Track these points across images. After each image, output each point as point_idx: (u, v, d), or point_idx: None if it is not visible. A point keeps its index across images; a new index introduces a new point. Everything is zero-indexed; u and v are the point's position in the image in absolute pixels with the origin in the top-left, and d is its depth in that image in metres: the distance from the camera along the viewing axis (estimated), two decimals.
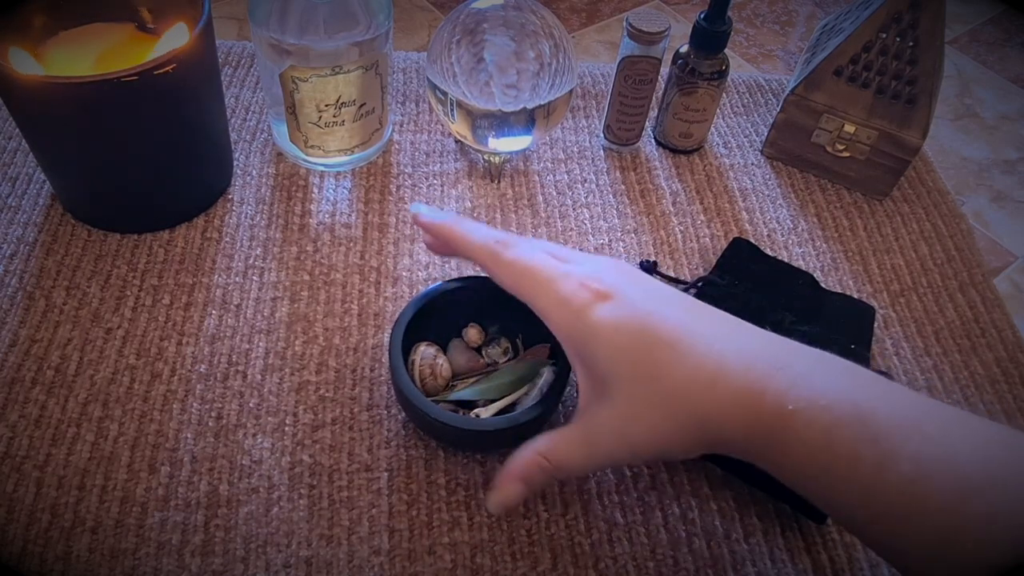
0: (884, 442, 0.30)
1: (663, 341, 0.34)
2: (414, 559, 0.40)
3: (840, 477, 0.31)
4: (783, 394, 0.32)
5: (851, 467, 0.30)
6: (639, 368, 0.34)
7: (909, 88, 0.58)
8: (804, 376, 0.32)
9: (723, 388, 0.33)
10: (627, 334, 0.34)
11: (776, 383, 0.32)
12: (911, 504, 0.29)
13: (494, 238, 0.39)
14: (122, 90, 0.45)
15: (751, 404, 0.32)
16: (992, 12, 2.18)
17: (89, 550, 0.40)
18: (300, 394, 0.46)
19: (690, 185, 0.61)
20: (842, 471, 0.30)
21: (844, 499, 0.31)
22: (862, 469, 0.30)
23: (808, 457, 0.31)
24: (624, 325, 0.34)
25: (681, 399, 0.33)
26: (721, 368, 0.33)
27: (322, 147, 0.56)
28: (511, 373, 0.44)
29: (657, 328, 0.34)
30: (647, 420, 0.34)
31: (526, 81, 0.53)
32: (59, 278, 0.50)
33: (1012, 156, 1.77)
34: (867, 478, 0.30)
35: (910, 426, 0.30)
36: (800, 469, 0.32)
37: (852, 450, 0.30)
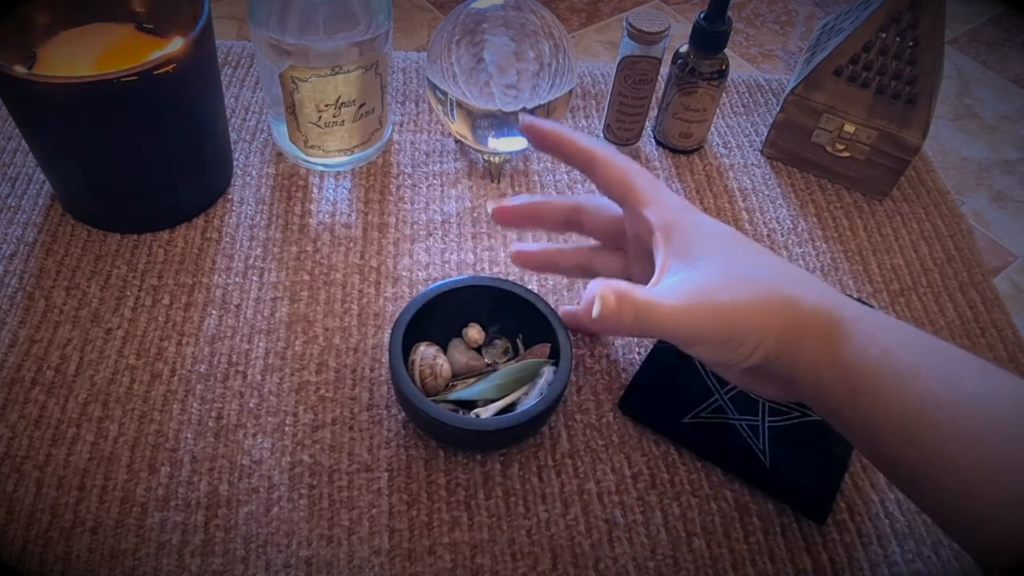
0: (951, 362, 0.32)
1: (755, 247, 0.38)
2: (414, 559, 0.40)
3: (905, 388, 0.31)
4: (856, 315, 0.34)
5: (917, 377, 0.31)
6: (734, 248, 0.37)
7: (909, 88, 0.58)
8: (869, 312, 0.35)
9: (805, 287, 0.35)
10: (727, 234, 0.38)
11: (850, 308, 0.35)
12: (976, 424, 0.30)
13: (601, 144, 0.42)
14: (122, 90, 0.45)
15: (828, 309, 0.34)
16: (992, 12, 2.17)
17: (89, 550, 0.40)
18: (300, 394, 0.46)
19: (690, 185, 0.61)
20: (907, 381, 0.31)
21: (906, 421, 0.31)
22: (931, 381, 0.31)
23: (876, 369, 0.32)
24: (725, 229, 0.38)
25: (768, 279, 0.35)
26: (805, 276, 0.37)
27: (322, 147, 0.56)
28: (511, 373, 0.44)
29: (748, 240, 0.38)
30: (732, 284, 0.35)
31: (526, 81, 0.53)
32: (59, 278, 0.50)
33: (1012, 156, 1.77)
34: (932, 392, 0.31)
35: (974, 358, 0.32)
36: (865, 382, 0.33)
37: (919, 362, 0.32)
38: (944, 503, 0.32)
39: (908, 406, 0.32)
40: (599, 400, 0.48)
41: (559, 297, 0.53)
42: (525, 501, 0.43)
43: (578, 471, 0.44)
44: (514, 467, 0.44)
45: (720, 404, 0.47)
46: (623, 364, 0.50)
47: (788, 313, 0.34)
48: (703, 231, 0.37)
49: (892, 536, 0.43)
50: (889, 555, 0.42)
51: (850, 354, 0.33)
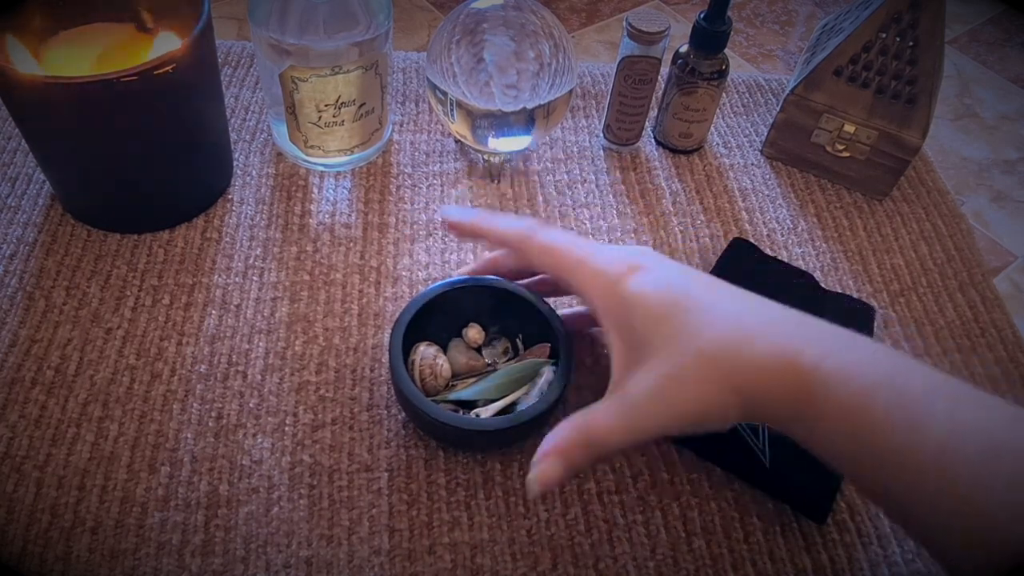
0: (917, 407, 0.31)
1: (701, 306, 0.35)
2: (414, 559, 0.40)
3: (873, 441, 0.31)
4: (819, 357, 0.32)
5: (885, 430, 0.31)
6: (678, 328, 0.35)
7: (909, 88, 0.58)
8: (838, 345, 0.33)
9: (761, 346, 0.33)
10: (663, 301, 0.35)
11: (812, 347, 0.33)
12: (942, 467, 0.29)
13: (526, 223, 0.41)
14: (122, 90, 0.45)
15: (788, 363, 0.33)
16: (992, 12, 2.18)
17: (89, 550, 0.40)
18: (300, 394, 0.46)
19: (690, 185, 0.61)
20: (876, 434, 0.31)
21: (877, 465, 0.31)
22: (896, 432, 0.30)
23: (842, 420, 0.32)
24: (660, 293, 0.36)
25: (719, 357, 0.34)
26: (758, 330, 0.34)
27: (322, 147, 0.56)
28: (511, 373, 0.44)
29: (694, 296, 0.36)
30: (686, 381, 0.34)
31: (526, 81, 0.53)
32: (59, 278, 0.50)
33: (1012, 156, 1.77)
34: (900, 442, 0.30)
35: (942, 395, 0.31)
36: (833, 434, 0.32)
37: (886, 413, 0.31)
38: (923, 541, 0.33)
39: (875, 459, 0.32)
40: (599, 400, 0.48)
41: (558, 297, 0.53)
42: (525, 501, 0.43)
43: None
44: (514, 467, 0.44)
45: None
46: None
47: (746, 388, 0.34)
48: (646, 310, 0.36)
49: (892, 536, 0.43)
50: (889, 555, 0.42)
51: (814, 411, 0.33)
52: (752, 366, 0.33)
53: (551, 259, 0.40)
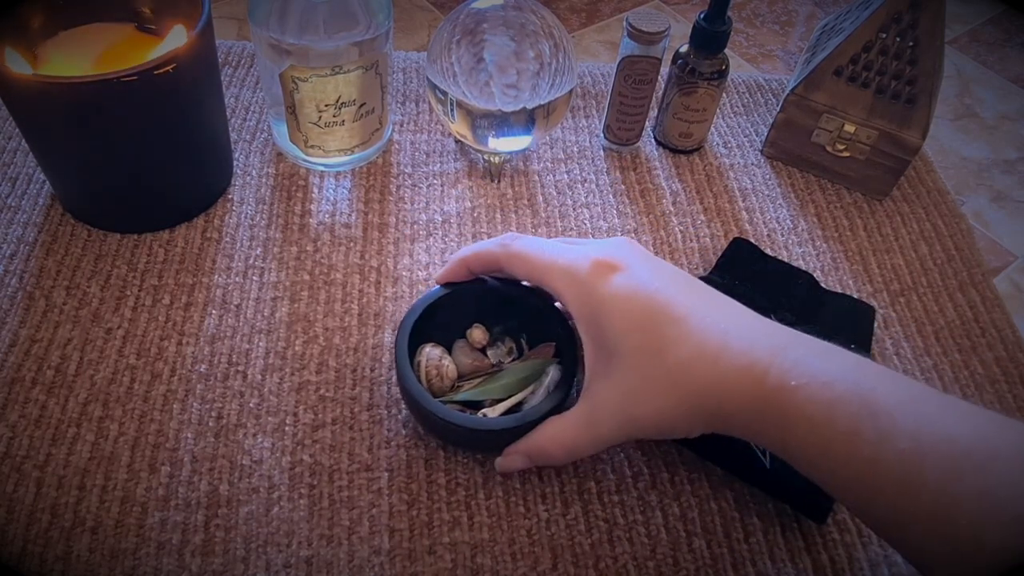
0: (884, 418, 0.30)
1: (670, 317, 0.35)
2: (414, 559, 0.40)
3: (841, 453, 0.31)
4: (786, 372, 0.32)
5: (851, 442, 0.31)
6: (645, 341, 0.35)
7: (909, 88, 0.58)
8: (806, 357, 0.33)
9: (726, 364, 0.33)
10: (636, 306, 0.36)
11: (779, 361, 0.33)
12: (908, 479, 0.29)
13: (499, 239, 0.42)
14: (122, 90, 0.45)
15: (754, 380, 0.33)
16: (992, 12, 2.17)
17: (89, 550, 0.40)
18: (300, 394, 0.46)
19: (690, 185, 0.61)
20: (842, 447, 0.31)
21: (845, 475, 0.32)
22: (862, 445, 0.30)
23: (810, 433, 0.32)
24: (633, 297, 0.36)
25: (684, 374, 0.34)
26: (725, 345, 0.34)
27: (322, 147, 0.56)
28: (517, 373, 0.44)
29: (664, 304, 0.35)
30: (650, 394, 0.35)
31: (526, 81, 0.53)
32: (59, 278, 0.50)
33: (1012, 156, 1.77)
34: (867, 454, 0.30)
35: (909, 406, 0.31)
36: (802, 446, 0.33)
37: (852, 426, 0.31)
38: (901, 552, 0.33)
39: (844, 471, 0.32)
40: None
41: None
42: (525, 501, 0.43)
43: (578, 471, 0.44)
44: None
45: None
46: None
47: (710, 405, 0.34)
48: (618, 316, 0.36)
49: None
50: (889, 555, 0.42)
51: (781, 425, 0.33)
52: (718, 384, 0.34)
53: (528, 267, 0.40)
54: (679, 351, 0.34)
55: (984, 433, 0.30)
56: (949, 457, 0.29)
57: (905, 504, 0.30)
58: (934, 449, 0.29)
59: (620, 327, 0.36)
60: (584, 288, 0.37)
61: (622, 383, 0.36)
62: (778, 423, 0.33)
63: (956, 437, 0.30)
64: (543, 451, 0.39)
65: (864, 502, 0.32)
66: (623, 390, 0.36)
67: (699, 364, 0.34)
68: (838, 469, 0.32)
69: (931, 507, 0.29)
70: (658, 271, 0.38)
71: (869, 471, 0.31)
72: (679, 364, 0.34)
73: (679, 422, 0.35)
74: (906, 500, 0.30)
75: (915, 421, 0.30)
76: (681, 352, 0.34)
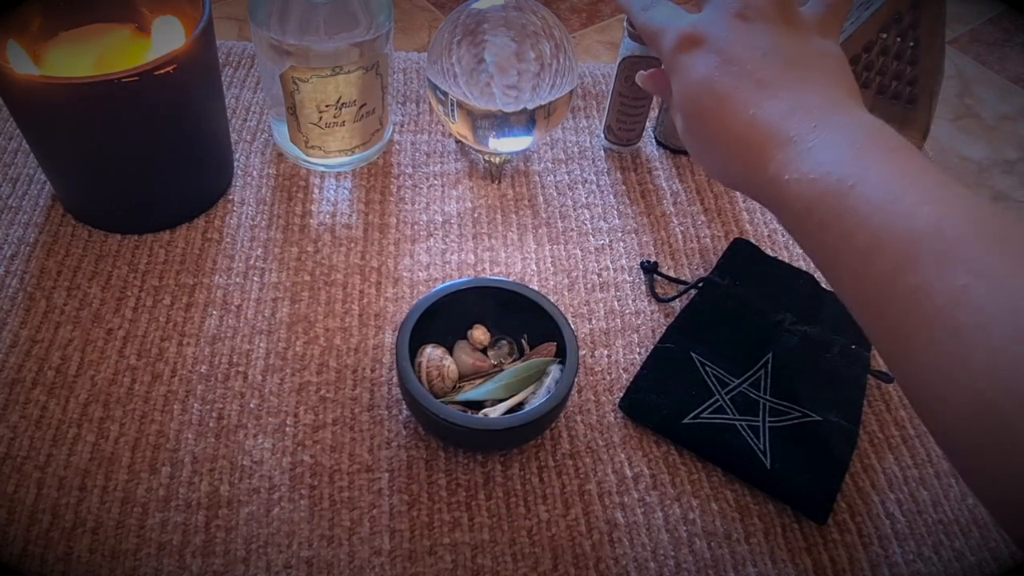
0: (849, 217, 0.31)
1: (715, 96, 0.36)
2: (415, 560, 0.40)
3: (815, 243, 0.33)
4: (785, 164, 0.33)
5: (821, 236, 0.32)
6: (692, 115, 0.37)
7: (909, 88, 0.58)
8: (813, 149, 0.33)
9: (746, 151, 0.35)
10: (695, 83, 0.37)
11: (785, 153, 0.34)
12: (865, 272, 0.30)
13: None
14: (122, 90, 0.45)
15: (759, 171, 0.35)
16: (992, 12, 2.17)
17: (90, 551, 0.40)
18: (301, 395, 0.46)
19: (690, 185, 0.61)
20: (815, 239, 0.33)
21: (821, 260, 0.34)
22: (829, 238, 0.32)
23: (792, 223, 0.34)
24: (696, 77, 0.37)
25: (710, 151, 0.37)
26: (750, 130, 0.35)
27: (322, 147, 0.56)
28: (518, 373, 0.44)
29: (716, 86, 0.36)
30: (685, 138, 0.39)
31: (527, 81, 0.53)
32: (60, 279, 0.50)
33: (1012, 156, 1.77)
34: (833, 246, 0.32)
35: (880, 201, 0.31)
36: (790, 230, 0.35)
37: (822, 222, 0.32)
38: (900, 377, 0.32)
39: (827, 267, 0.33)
40: (599, 400, 0.48)
41: (560, 297, 0.53)
42: (526, 502, 0.43)
43: (579, 471, 0.44)
44: (515, 467, 0.44)
45: (720, 404, 0.47)
46: (623, 364, 0.50)
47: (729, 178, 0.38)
48: (677, 89, 0.38)
49: (893, 536, 0.43)
50: (890, 555, 0.42)
51: (784, 210, 0.34)
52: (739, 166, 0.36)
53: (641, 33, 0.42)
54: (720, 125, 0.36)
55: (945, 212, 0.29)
56: (902, 247, 0.29)
57: (868, 295, 0.31)
58: (889, 242, 0.30)
59: (680, 99, 0.38)
60: (669, 55, 0.38)
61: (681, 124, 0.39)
62: (773, 211, 0.35)
63: (914, 224, 0.29)
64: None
65: (840, 290, 0.33)
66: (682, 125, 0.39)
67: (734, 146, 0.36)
68: (817, 255, 0.34)
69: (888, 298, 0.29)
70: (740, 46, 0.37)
71: (836, 261, 0.32)
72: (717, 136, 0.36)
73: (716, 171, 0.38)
74: (868, 291, 0.31)
75: (880, 218, 0.30)
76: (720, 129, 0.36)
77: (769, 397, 0.47)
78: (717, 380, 0.48)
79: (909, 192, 0.31)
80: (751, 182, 0.36)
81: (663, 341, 0.50)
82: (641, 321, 0.52)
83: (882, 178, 0.32)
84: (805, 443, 0.45)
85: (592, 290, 0.53)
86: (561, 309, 0.50)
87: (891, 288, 0.29)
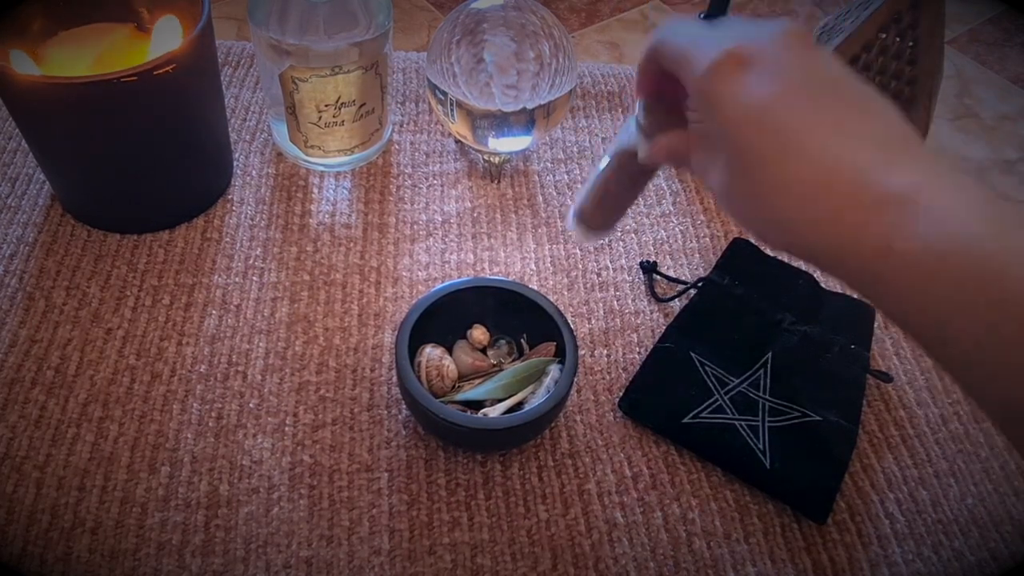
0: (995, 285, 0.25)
1: (777, 131, 0.29)
2: (414, 559, 0.40)
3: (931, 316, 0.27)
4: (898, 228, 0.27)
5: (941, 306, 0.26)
6: (744, 154, 0.30)
7: (909, 88, 0.58)
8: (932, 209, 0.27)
9: (823, 207, 0.28)
10: (746, 113, 0.30)
11: (886, 216, 0.27)
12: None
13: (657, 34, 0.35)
14: (122, 90, 0.45)
15: (852, 234, 0.27)
16: (992, 12, 2.17)
17: (89, 551, 0.39)
18: (300, 394, 0.46)
19: (690, 185, 0.61)
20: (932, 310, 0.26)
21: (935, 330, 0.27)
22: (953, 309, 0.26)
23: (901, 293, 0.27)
24: (748, 104, 0.30)
25: (772, 201, 0.29)
26: (829, 180, 0.28)
27: (322, 147, 0.56)
28: (517, 372, 0.44)
29: (777, 118, 0.29)
30: (731, 189, 0.31)
31: (526, 81, 0.53)
32: (59, 278, 0.50)
33: (1012, 156, 1.77)
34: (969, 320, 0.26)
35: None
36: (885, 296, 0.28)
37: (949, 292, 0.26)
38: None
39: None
40: (599, 400, 0.48)
41: (559, 296, 0.53)
42: (525, 501, 0.43)
43: (578, 471, 0.44)
44: (514, 467, 0.44)
45: (720, 404, 0.47)
46: (623, 364, 0.50)
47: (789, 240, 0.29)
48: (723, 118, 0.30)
49: (892, 536, 0.43)
50: (889, 555, 0.42)
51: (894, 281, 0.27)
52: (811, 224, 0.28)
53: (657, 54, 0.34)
54: (774, 174, 0.29)
55: None
56: None
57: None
58: None
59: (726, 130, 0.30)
60: (704, 79, 0.31)
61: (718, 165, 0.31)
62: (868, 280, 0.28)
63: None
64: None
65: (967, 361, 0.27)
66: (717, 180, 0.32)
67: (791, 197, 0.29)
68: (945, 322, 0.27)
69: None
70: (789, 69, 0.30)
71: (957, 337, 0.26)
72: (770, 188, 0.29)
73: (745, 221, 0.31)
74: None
75: None
76: (774, 177, 0.29)
77: (768, 397, 0.47)
78: (716, 380, 0.48)
79: None
80: (835, 247, 0.28)
81: (662, 341, 0.50)
82: (640, 321, 0.52)
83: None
84: (804, 443, 0.45)
85: (591, 290, 0.53)
86: (560, 309, 0.50)
87: None
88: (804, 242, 0.29)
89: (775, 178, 0.29)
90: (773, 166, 0.29)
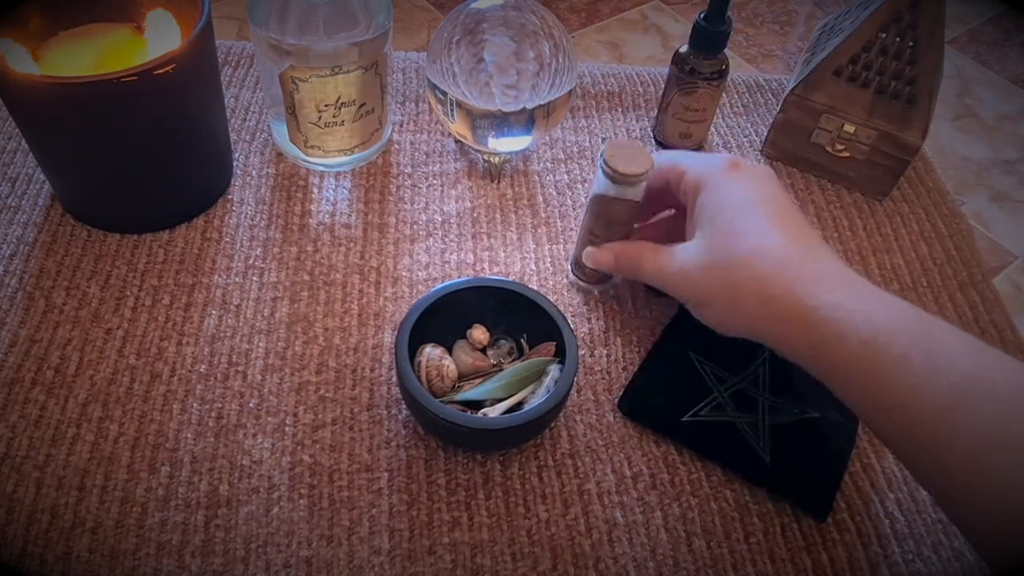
0: (936, 351, 0.32)
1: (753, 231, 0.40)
2: (414, 559, 0.40)
3: (886, 381, 0.32)
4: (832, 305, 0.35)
5: (899, 369, 0.32)
6: (728, 232, 0.40)
7: (909, 88, 0.58)
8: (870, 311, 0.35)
9: (784, 276, 0.38)
10: (736, 204, 0.41)
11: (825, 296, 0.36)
12: (955, 414, 0.30)
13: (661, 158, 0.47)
14: (122, 90, 0.45)
15: (800, 299, 0.36)
16: (992, 12, 2.17)
17: (89, 551, 0.40)
18: (300, 394, 0.46)
19: None
20: (889, 373, 0.32)
21: (889, 406, 0.33)
22: (912, 374, 0.32)
23: (857, 353, 0.34)
24: (745, 186, 0.42)
25: (738, 269, 0.39)
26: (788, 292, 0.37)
27: (322, 147, 0.56)
28: (517, 372, 0.44)
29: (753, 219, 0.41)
30: (709, 273, 0.41)
31: (526, 81, 0.53)
32: (59, 278, 0.50)
33: (1012, 156, 1.77)
34: (915, 384, 0.32)
35: (959, 345, 0.32)
36: (847, 370, 0.35)
37: (902, 353, 0.32)
38: (940, 494, 0.33)
39: (891, 400, 0.32)
40: (599, 400, 0.48)
41: (559, 296, 0.53)
42: (525, 501, 0.43)
43: (578, 471, 0.44)
44: (514, 467, 0.44)
45: (719, 402, 0.47)
46: (623, 364, 0.50)
47: (753, 327, 0.40)
48: (720, 196, 0.42)
49: (892, 536, 0.43)
50: (889, 555, 0.42)
51: (826, 343, 0.35)
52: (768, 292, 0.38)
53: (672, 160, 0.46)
54: (749, 247, 0.39)
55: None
56: (995, 401, 0.30)
57: (954, 446, 0.30)
58: (984, 389, 0.30)
59: (717, 209, 0.41)
60: (713, 170, 0.43)
61: (696, 247, 0.42)
62: (818, 345, 0.36)
63: (1001, 385, 0.31)
64: (633, 261, 0.46)
65: (909, 442, 0.33)
66: (695, 252, 0.42)
67: (755, 263, 0.39)
68: (877, 403, 0.34)
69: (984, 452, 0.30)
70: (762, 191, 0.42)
71: (917, 400, 0.32)
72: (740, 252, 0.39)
73: (716, 308, 0.42)
74: (956, 443, 0.30)
75: (968, 355, 0.32)
76: (752, 247, 0.39)
77: (768, 394, 0.47)
78: (716, 378, 0.48)
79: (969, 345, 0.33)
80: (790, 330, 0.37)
81: (661, 340, 0.50)
82: (640, 320, 0.52)
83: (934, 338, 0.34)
84: (804, 440, 0.45)
85: (591, 289, 0.53)
86: (560, 309, 0.50)
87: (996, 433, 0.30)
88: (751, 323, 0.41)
89: (749, 245, 0.39)
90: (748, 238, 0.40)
